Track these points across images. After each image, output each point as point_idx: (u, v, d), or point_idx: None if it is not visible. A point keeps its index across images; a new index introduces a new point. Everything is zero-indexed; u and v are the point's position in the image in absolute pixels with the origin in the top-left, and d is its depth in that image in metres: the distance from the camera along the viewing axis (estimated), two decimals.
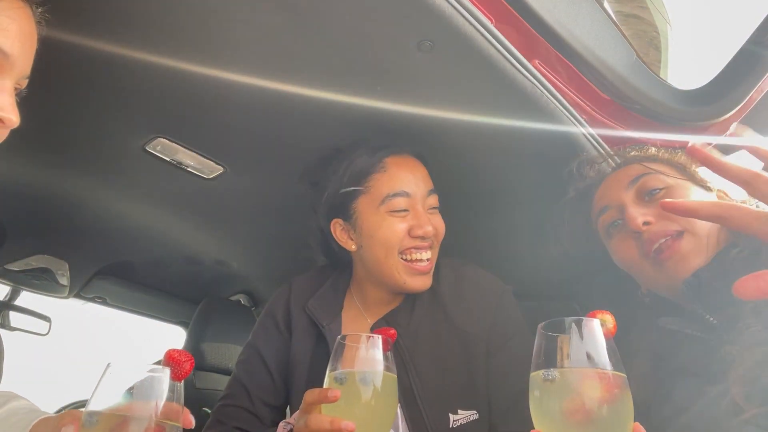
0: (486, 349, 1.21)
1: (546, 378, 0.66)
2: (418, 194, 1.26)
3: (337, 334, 1.23)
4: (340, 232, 1.31)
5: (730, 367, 0.85)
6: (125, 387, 0.66)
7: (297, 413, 0.91)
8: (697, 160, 0.73)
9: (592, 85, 1.31)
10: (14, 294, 2.80)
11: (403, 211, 1.24)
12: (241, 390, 1.29)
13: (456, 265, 1.34)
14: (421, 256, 1.23)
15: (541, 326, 0.70)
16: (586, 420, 0.63)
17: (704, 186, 1.11)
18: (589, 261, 1.25)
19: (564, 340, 0.67)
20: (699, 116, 1.36)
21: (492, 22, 1.08)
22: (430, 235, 1.24)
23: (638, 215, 1.05)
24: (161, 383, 0.67)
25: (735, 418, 0.80)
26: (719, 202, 0.75)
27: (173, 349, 0.71)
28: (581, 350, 0.66)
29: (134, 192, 1.81)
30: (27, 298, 2.82)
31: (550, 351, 0.67)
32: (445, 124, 1.26)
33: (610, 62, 1.29)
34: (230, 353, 2.21)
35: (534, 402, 0.68)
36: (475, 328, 1.22)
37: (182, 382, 0.70)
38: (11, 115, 0.77)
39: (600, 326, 0.68)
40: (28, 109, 0.83)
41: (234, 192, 1.69)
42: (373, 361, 0.82)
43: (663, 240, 1.02)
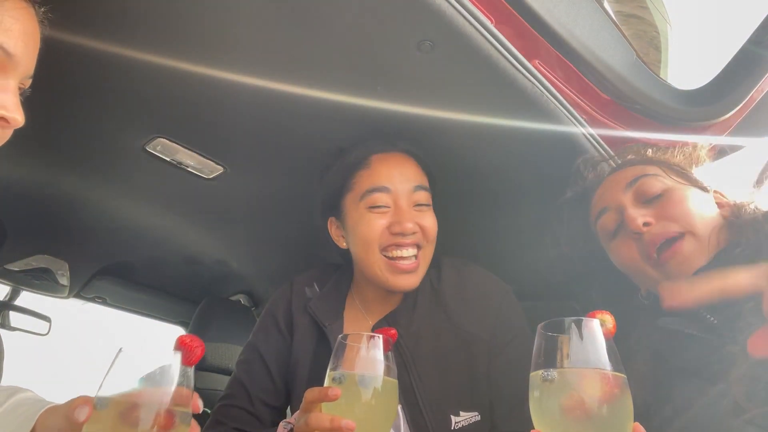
0: (488, 350, 1.20)
1: (546, 378, 0.66)
2: (400, 190, 1.22)
3: (339, 334, 1.22)
4: (335, 231, 1.31)
5: (730, 366, 0.85)
6: (136, 372, 0.67)
7: (297, 412, 0.90)
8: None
9: (592, 85, 1.31)
10: (14, 294, 2.80)
11: (383, 207, 1.21)
12: (241, 390, 1.28)
13: (458, 264, 1.33)
14: (402, 253, 1.20)
15: (541, 326, 0.70)
16: (586, 420, 0.63)
17: (701, 187, 1.11)
18: (589, 261, 1.25)
19: (564, 340, 0.67)
20: (699, 116, 1.36)
21: (492, 22, 1.08)
22: (409, 232, 1.19)
23: (638, 216, 1.05)
24: (172, 368, 0.68)
25: (736, 417, 0.80)
26: (726, 287, 0.72)
27: (185, 335, 0.71)
28: (581, 350, 0.66)
29: (134, 192, 1.81)
30: (27, 298, 2.82)
31: (550, 351, 0.67)
32: (445, 124, 1.26)
33: (610, 62, 1.29)
34: (230, 353, 2.21)
35: (534, 402, 0.68)
36: (476, 329, 1.21)
37: (193, 367, 0.70)
38: (16, 115, 0.77)
39: (600, 326, 0.68)
40: (29, 109, 0.83)
41: (234, 192, 1.69)
42: (373, 361, 0.82)
43: (664, 241, 1.01)
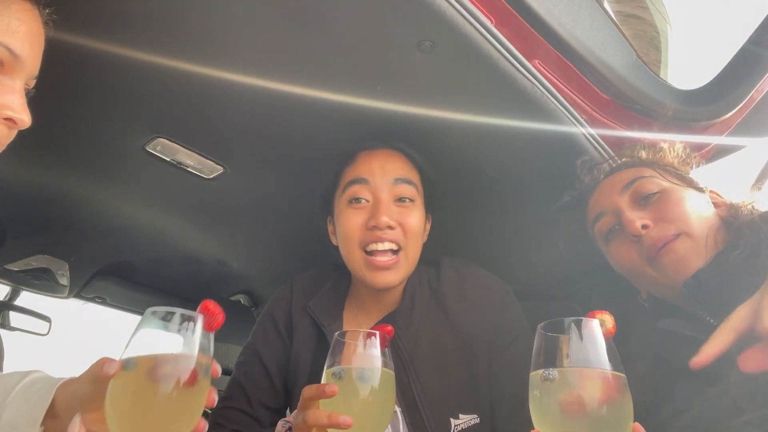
0: (488, 351, 1.19)
1: (546, 378, 0.66)
2: (379, 182, 1.20)
3: None
4: (330, 229, 1.32)
5: (730, 368, 0.85)
6: (161, 332, 0.71)
7: (296, 411, 0.90)
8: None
9: (592, 85, 1.31)
10: (14, 294, 2.80)
11: (363, 200, 1.20)
12: (240, 392, 1.27)
13: (457, 264, 1.32)
14: (378, 247, 1.16)
15: (541, 326, 0.70)
16: (586, 420, 0.63)
17: (696, 187, 1.11)
18: (588, 264, 1.25)
19: (564, 341, 0.67)
20: (699, 116, 1.36)
21: (492, 22, 1.08)
22: (383, 226, 1.15)
23: (636, 219, 1.05)
24: (196, 328, 0.72)
25: (736, 418, 0.80)
26: (734, 325, 0.75)
27: (209, 300, 0.76)
28: (581, 350, 0.66)
29: (134, 192, 1.81)
30: (27, 298, 2.82)
31: (549, 351, 0.67)
32: (445, 124, 1.26)
33: (610, 62, 1.29)
34: (230, 353, 2.20)
35: (534, 402, 0.68)
36: (476, 330, 1.20)
37: (212, 333, 0.75)
38: (23, 116, 0.78)
39: (599, 326, 0.68)
40: (29, 109, 0.83)
41: (234, 192, 1.69)
42: (370, 358, 0.82)
43: (662, 244, 1.01)
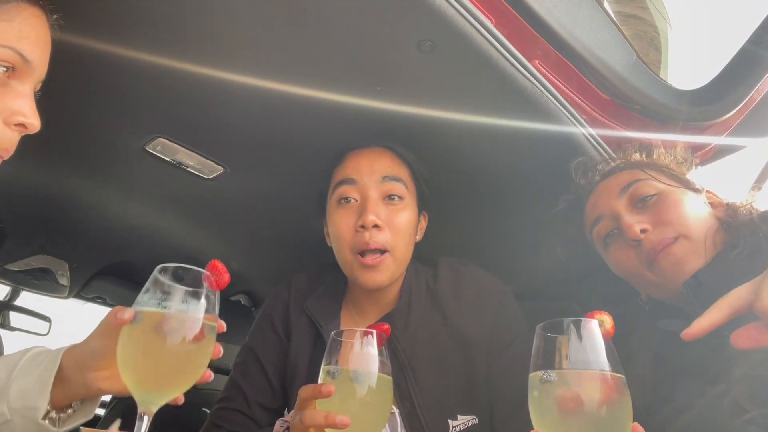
0: (486, 352, 1.19)
1: (545, 379, 0.66)
2: (367, 181, 1.19)
3: None
4: (326, 231, 1.30)
5: (731, 367, 0.85)
6: (169, 288, 0.71)
7: (293, 411, 0.90)
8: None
9: (593, 85, 1.31)
10: (14, 294, 2.81)
11: (351, 200, 1.19)
12: (238, 393, 1.27)
13: (455, 264, 1.31)
14: (366, 246, 1.15)
15: (540, 327, 0.70)
16: (585, 420, 0.63)
17: (693, 188, 1.11)
18: (586, 266, 1.25)
19: (562, 341, 0.67)
20: (699, 116, 1.36)
21: (492, 22, 1.08)
22: (369, 225, 1.14)
23: (634, 223, 1.04)
24: (203, 286, 0.74)
25: (737, 418, 0.80)
26: (731, 302, 0.75)
27: (216, 260, 0.77)
28: (580, 351, 0.66)
29: (134, 192, 1.81)
30: (27, 299, 2.82)
31: (548, 352, 0.67)
32: (445, 124, 1.26)
33: (610, 62, 1.29)
34: (230, 353, 2.19)
35: (533, 402, 0.68)
36: (474, 331, 1.20)
37: (218, 292, 0.76)
38: (33, 120, 0.80)
39: (598, 327, 0.68)
40: None
41: (234, 192, 1.69)
42: (367, 357, 0.82)
43: (661, 247, 1.01)
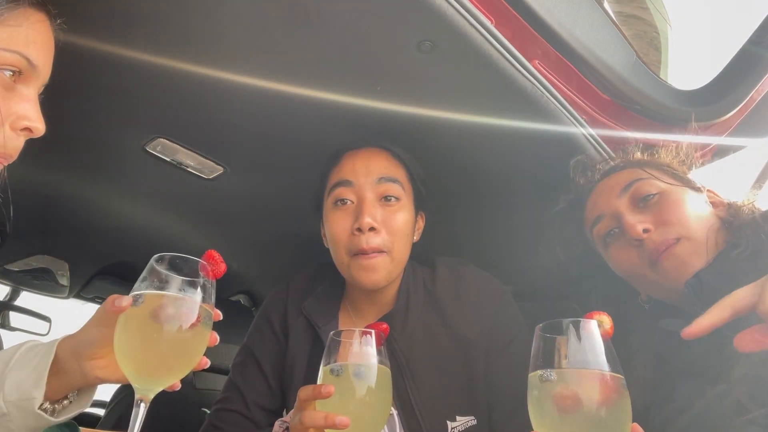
0: (485, 353, 1.18)
1: (544, 379, 0.66)
2: (363, 183, 1.19)
3: None
4: (323, 232, 1.30)
5: (732, 367, 0.85)
6: (166, 277, 0.74)
7: (292, 411, 0.90)
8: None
9: (592, 85, 1.31)
10: (14, 294, 2.81)
11: (348, 202, 1.19)
12: (237, 394, 1.27)
13: (453, 264, 1.31)
14: (363, 250, 1.15)
15: (539, 327, 0.70)
16: (585, 420, 0.63)
17: (694, 187, 1.11)
18: (586, 266, 1.25)
19: (562, 341, 0.67)
20: (699, 116, 1.36)
21: (492, 22, 1.08)
22: (366, 228, 1.13)
23: (636, 223, 1.03)
24: (200, 276, 0.75)
25: (738, 418, 0.80)
26: (733, 302, 0.74)
27: (213, 250, 0.79)
28: (579, 351, 0.66)
29: (134, 192, 1.81)
30: (27, 299, 2.82)
31: (548, 352, 0.67)
32: (445, 124, 1.26)
33: (610, 63, 1.29)
34: (230, 353, 2.19)
35: (532, 403, 0.68)
36: (473, 331, 1.19)
37: (214, 281, 0.79)
38: (38, 124, 0.82)
39: (597, 327, 0.68)
40: None
41: (234, 192, 1.69)
42: (366, 357, 0.82)
43: (664, 247, 1.00)
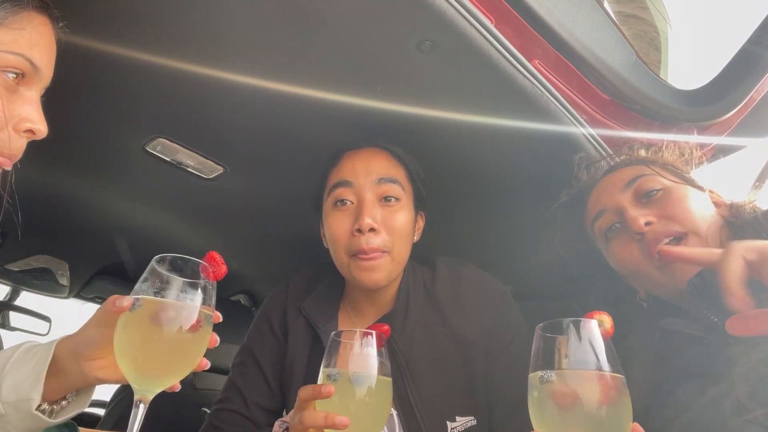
0: (484, 353, 1.18)
1: (544, 379, 0.66)
2: (363, 183, 1.19)
3: None
4: (322, 232, 1.30)
5: (733, 367, 0.85)
6: (167, 278, 0.73)
7: (292, 411, 0.90)
8: (670, 259, 0.77)
9: (592, 85, 1.31)
10: (14, 294, 2.81)
11: (347, 202, 1.19)
12: (237, 394, 1.27)
13: (453, 264, 1.31)
14: (363, 251, 1.15)
15: (539, 327, 0.70)
16: (585, 420, 0.63)
17: (697, 186, 1.11)
18: (585, 264, 1.25)
19: (562, 341, 0.67)
20: (699, 116, 1.36)
21: (492, 22, 1.08)
22: (366, 229, 1.14)
23: (639, 216, 1.04)
24: (201, 277, 0.75)
25: (739, 418, 0.80)
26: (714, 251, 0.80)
27: (214, 251, 0.79)
28: (579, 351, 0.66)
29: (134, 192, 1.81)
30: (27, 299, 2.82)
31: (548, 352, 0.67)
32: (444, 124, 1.26)
33: (610, 62, 1.29)
34: (230, 353, 2.19)
35: (533, 403, 0.68)
36: (473, 331, 1.19)
37: (215, 283, 0.78)
38: (41, 126, 0.83)
39: (598, 327, 0.68)
40: None
41: (234, 192, 1.69)
42: (367, 358, 0.82)
43: (666, 241, 1.01)
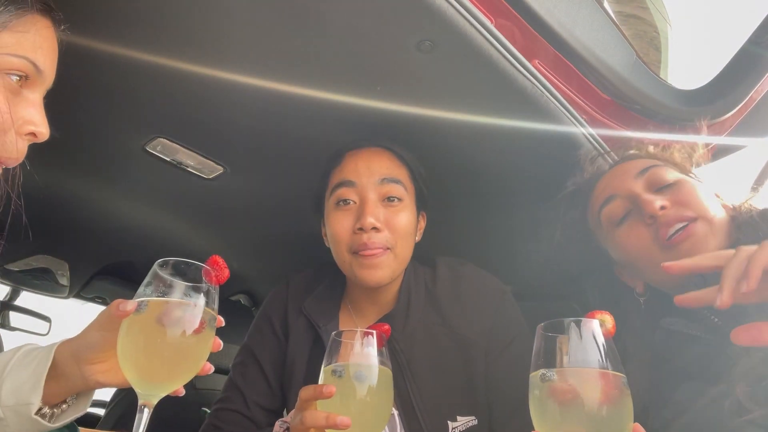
0: (485, 353, 1.18)
1: (545, 378, 0.66)
2: (366, 183, 1.19)
3: None
4: (324, 232, 1.30)
5: (733, 367, 0.85)
6: (171, 282, 0.74)
7: (293, 411, 0.90)
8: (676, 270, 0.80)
9: (592, 85, 1.31)
10: (14, 294, 2.81)
11: (350, 202, 1.19)
12: (237, 394, 1.27)
13: (454, 264, 1.31)
14: (365, 247, 1.15)
15: (541, 327, 0.70)
16: (586, 420, 0.63)
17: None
18: (585, 256, 1.25)
19: (563, 341, 0.67)
20: (699, 116, 1.36)
21: (492, 22, 1.08)
22: (368, 228, 1.14)
23: (654, 199, 1.05)
24: (203, 281, 0.76)
25: (738, 418, 0.80)
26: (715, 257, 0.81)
27: (217, 255, 0.79)
28: (580, 350, 0.66)
29: (134, 192, 1.81)
30: (27, 299, 2.82)
31: (549, 351, 0.67)
32: (445, 124, 1.26)
33: (610, 62, 1.29)
34: (230, 353, 2.19)
35: (534, 402, 0.68)
36: (473, 331, 1.19)
37: (217, 287, 0.79)
38: (43, 129, 0.83)
39: (599, 327, 0.68)
40: None
41: (234, 192, 1.69)
42: (368, 357, 0.82)
43: (679, 225, 1.01)
